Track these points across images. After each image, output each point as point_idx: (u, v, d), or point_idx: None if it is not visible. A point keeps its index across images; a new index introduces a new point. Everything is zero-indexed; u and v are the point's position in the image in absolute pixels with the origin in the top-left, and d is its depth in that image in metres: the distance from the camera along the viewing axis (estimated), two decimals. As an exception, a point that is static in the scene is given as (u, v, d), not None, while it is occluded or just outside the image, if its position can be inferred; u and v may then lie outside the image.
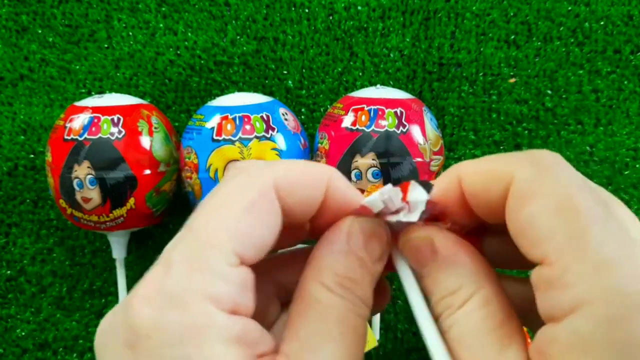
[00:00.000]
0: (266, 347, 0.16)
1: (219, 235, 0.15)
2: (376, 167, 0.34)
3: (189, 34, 0.43)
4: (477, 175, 0.17)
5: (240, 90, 0.43)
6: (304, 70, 0.43)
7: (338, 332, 0.16)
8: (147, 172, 0.36)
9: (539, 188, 0.15)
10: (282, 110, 0.37)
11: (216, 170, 0.35)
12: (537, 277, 0.15)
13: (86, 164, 0.35)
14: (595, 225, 0.14)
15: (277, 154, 0.35)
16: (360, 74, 0.43)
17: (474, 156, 0.42)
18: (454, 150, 0.42)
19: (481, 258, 0.17)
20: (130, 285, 0.41)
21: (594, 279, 0.13)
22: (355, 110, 0.35)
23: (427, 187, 0.17)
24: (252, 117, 0.35)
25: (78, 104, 0.37)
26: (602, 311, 0.13)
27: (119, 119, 0.36)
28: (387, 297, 0.20)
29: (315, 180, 0.17)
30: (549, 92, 0.42)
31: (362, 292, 0.17)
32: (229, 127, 0.35)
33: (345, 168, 0.35)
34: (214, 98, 0.39)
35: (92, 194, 0.35)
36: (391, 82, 0.43)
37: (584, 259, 0.14)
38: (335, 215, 0.18)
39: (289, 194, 0.16)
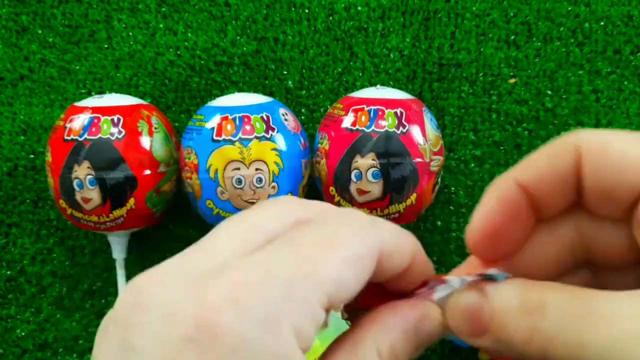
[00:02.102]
0: None
1: (327, 271, 0.14)
2: (376, 167, 0.34)
3: (189, 34, 0.43)
4: (543, 156, 0.16)
5: (240, 90, 0.43)
6: (304, 71, 0.43)
7: None
8: (147, 172, 0.36)
9: (611, 136, 0.15)
10: (282, 110, 0.37)
11: (216, 171, 0.35)
12: None
13: (86, 164, 0.35)
14: None
15: (277, 154, 0.35)
16: (360, 74, 0.43)
17: (474, 156, 0.42)
18: (454, 150, 0.42)
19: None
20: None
21: None
22: (355, 111, 0.35)
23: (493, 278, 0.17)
24: (252, 117, 0.35)
25: (78, 104, 0.37)
26: None
27: (119, 119, 0.36)
28: None
29: (408, 250, 0.17)
30: (549, 92, 0.42)
31: None
32: (229, 127, 0.35)
33: (345, 168, 0.35)
34: (214, 98, 0.39)
35: (92, 194, 0.35)
36: (391, 83, 0.43)
37: None
38: (407, 283, 0.18)
39: (387, 259, 0.16)
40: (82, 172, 0.35)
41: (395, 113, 0.35)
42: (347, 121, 0.35)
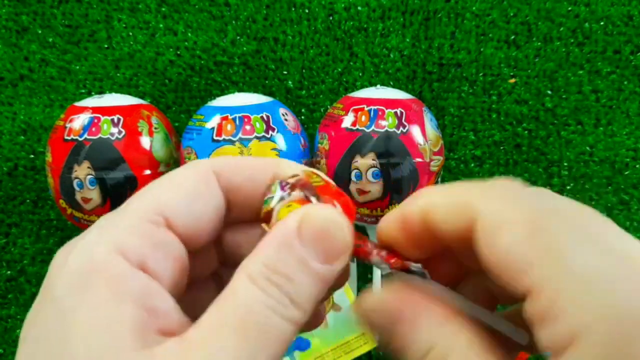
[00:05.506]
0: (171, 324, 0.14)
1: (146, 200, 0.16)
2: (376, 167, 0.34)
3: (189, 34, 0.43)
4: (442, 207, 0.16)
5: (240, 90, 0.43)
6: (304, 71, 0.43)
7: (247, 328, 0.14)
8: (147, 172, 0.36)
9: (506, 218, 0.14)
10: (282, 110, 0.37)
11: (216, 171, 0.35)
12: (529, 311, 0.14)
13: (86, 164, 0.35)
14: (571, 244, 0.13)
15: (277, 154, 0.35)
16: (360, 74, 0.43)
17: (474, 156, 0.42)
18: (454, 150, 0.42)
19: (446, 306, 0.16)
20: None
21: (584, 302, 0.12)
22: (356, 111, 0.35)
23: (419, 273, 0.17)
24: (252, 117, 0.35)
25: (78, 104, 0.37)
26: (602, 339, 0.12)
27: (119, 119, 0.36)
28: (319, 318, 0.19)
29: (260, 164, 0.18)
30: (549, 92, 0.42)
31: (295, 291, 0.15)
32: (229, 127, 0.35)
33: (345, 168, 0.35)
34: (214, 98, 0.39)
35: (92, 194, 0.35)
36: (391, 83, 0.43)
37: (568, 283, 0.13)
38: None
39: (231, 174, 0.17)
40: (82, 172, 0.35)
41: (395, 113, 0.35)
42: (347, 121, 0.35)
